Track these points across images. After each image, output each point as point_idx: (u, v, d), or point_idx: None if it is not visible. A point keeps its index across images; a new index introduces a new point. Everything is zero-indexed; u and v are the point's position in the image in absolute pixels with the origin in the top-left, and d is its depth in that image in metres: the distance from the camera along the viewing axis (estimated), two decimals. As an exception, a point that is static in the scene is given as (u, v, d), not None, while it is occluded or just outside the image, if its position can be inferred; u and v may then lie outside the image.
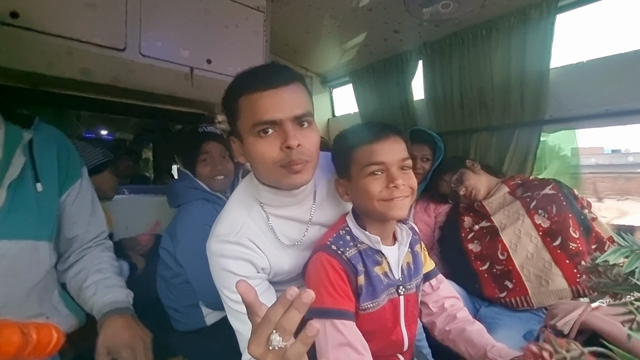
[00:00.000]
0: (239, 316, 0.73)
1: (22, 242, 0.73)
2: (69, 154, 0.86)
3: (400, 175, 0.73)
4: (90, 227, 0.90)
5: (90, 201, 0.90)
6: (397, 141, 0.75)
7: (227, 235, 0.75)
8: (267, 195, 0.78)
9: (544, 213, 1.25)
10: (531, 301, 1.19)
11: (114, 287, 0.85)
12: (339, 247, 0.76)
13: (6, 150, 0.73)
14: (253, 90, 0.67)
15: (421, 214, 1.68)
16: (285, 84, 0.68)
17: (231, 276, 0.73)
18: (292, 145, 0.66)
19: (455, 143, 1.81)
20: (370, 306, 0.76)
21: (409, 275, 0.83)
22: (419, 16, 1.56)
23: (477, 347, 0.78)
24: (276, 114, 0.66)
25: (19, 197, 0.73)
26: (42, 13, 1.07)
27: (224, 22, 1.46)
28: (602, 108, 1.37)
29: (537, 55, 1.46)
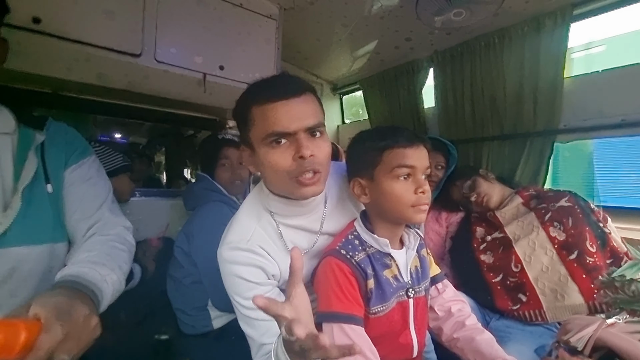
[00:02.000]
0: (250, 322, 0.74)
1: (41, 247, 0.73)
2: (74, 142, 0.83)
3: (425, 182, 0.75)
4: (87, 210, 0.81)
5: (91, 185, 0.83)
6: (424, 149, 0.77)
7: (239, 242, 0.76)
8: (277, 205, 0.78)
9: (560, 225, 1.21)
10: (545, 315, 1.15)
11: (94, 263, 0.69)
12: (348, 251, 0.76)
13: (19, 155, 0.72)
14: (266, 101, 0.68)
15: (432, 223, 1.66)
16: (298, 95, 0.68)
17: (243, 282, 0.74)
18: (305, 155, 0.67)
19: (466, 152, 1.79)
20: (380, 310, 0.76)
21: (417, 279, 0.83)
22: (430, 24, 1.56)
23: (487, 359, 0.76)
24: (289, 124, 0.67)
25: (33, 202, 0.72)
26: (63, 19, 1.11)
27: (237, 30, 1.49)
28: (618, 118, 1.33)
29: (551, 64, 1.44)
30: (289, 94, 0.68)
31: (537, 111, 1.50)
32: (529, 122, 1.54)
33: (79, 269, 0.65)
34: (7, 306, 0.66)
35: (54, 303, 0.51)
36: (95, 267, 0.67)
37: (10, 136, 0.73)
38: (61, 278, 0.63)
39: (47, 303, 0.50)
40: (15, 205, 0.69)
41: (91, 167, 0.85)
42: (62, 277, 0.63)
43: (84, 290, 0.60)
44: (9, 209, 0.69)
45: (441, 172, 1.64)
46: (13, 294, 0.69)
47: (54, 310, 0.50)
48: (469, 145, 1.78)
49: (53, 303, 0.51)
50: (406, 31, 1.73)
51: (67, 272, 0.64)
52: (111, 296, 0.68)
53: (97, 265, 0.68)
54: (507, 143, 1.63)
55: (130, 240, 0.85)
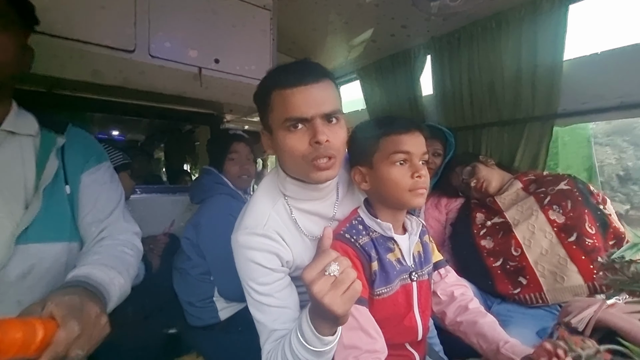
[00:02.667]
0: (262, 307, 0.75)
1: (59, 245, 0.76)
2: (91, 147, 0.88)
3: (421, 167, 0.78)
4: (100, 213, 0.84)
5: (105, 190, 0.86)
6: (420, 135, 0.80)
7: (255, 228, 0.77)
8: (292, 188, 0.80)
9: (559, 208, 1.22)
10: (546, 298, 1.17)
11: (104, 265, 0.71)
12: (352, 235, 0.79)
13: (41, 156, 0.76)
14: (285, 86, 0.69)
15: (432, 210, 1.67)
16: (316, 81, 0.70)
17: (258, 268, 0.75)
18: (320, 141, 0.68)
19: (465, 138, 1.78)
20: (384, 291, 0.78)
21: (420, 263, 0.85)
22: (426, 10, 1.54)
23: (490, 341, 0.77)
24: (307, 110, 0.69)
25: (53, 201, 0.76)
26: (54, 16, 1.09)
27: (231, 22, 1.47)
28: (618, 100, 1.33)
29: (549, 47, 1.42)
30: (308, 80, 0.69)
31: (535, 96, 1.50)
32: (527, 107, 1.53)
33: (89, 270, 0.67)
34: (26, 302, 0.68)
35: (69, 301, 0.54)
36: (104, 269, 0.70)
37: (34, 138, 0.78)
38: (72, 278, 0.65)
39: (61, 301, 0.53)
40: (37, 204, 0.72)
41: (106, 172, 0.89)
42: (73, 277, 0.65)
43: (93, 291, 0.63)
44: (31, 206, 0.72)
45: (439, 159, 1.64)
46: (31, 290, 0.72)
47: (69, 307, 0.53)
48: (468, 132, 1.78)
49: (67, 301, 0.54)
50: (402, 18, 1.71)
51: (78, 272, 0.66)
52: (117, 299, 0.71)
53: (106, 267, 0.71)
54: (505, 129, 1.63)
55: (138, 246, 0.88)
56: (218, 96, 1.64)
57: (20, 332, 0.45)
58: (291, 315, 0.74)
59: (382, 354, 0.72)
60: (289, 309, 0.75)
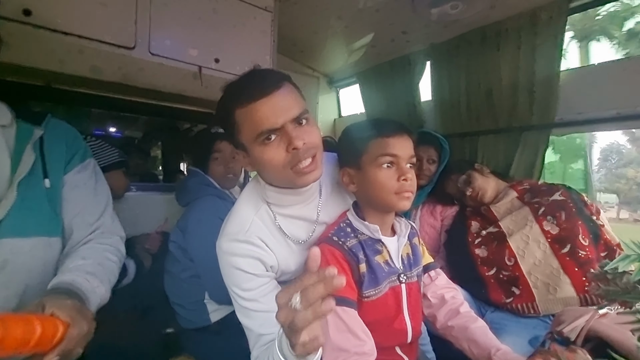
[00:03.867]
0: (248, 313, 0.74)
1: (35, 239, 0.73)
2: (75, 142, 0.84)
3: (408, 170, 0.78)
4: (89, 216, 0.83)
5: (92, 190, 0.84)
6: (408, 139, 0.80)
7: (237, 234, 0.76)
8: (273, 195, 0.79)
9: (553, 219, 1.23)
10: (538, 308, 1.17)
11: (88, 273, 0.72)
12: (340, 238, 0.79)
13: (16, 149, 0.73)
14: (247, 102, 0.68)
15: (427, 217, 1.67)
16: (277, 88, 0.68)
17: (241, 274, 0.75)
18: (298, 146, 0.67)
19: (462, 145, 1.79)
20: (372, 293, 0.78)
21: (409, 265, 0.85)
22: (426, 17, 1.55)
23: (481, 348, 0.77)
24: (275, 119, 0.67)
25: (29, 195, 0.72)
26: (54, 11, 1.09)
27: (232, 22, 1.47)
28: (614, 111, 1.34)
29: (547, 57, 1.44)
30: (269, 89, 0.67)
31: (532, 104, 1.51)
32: (524, 115, 1.54)
33: (74, 277, 0.69)
34: (0, 297, 0.68)
35: (71, 304, 0.59)
36: (88, 276, 0.71)
37: (6, 129, 0.73)
38: (58, 284, 0.67)
39: (64, 304, 0.58)
40: (11, 197, 0.69)
41: (92, 171, 0.87)
42: (59, 283, 0.67)
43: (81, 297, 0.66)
44: (4, 200, 0.69)
45: (433, 166, 1.65)
46: (5, 286, 0.69)
47: (75, 309, 0.58)
48: (465, 139, 1.79)
49: (71, 304, 0.59)
50: (402, 24, 1.72)
51: (63, 278, 0.68)
52: (95, 307, 0.71)
53: (90, 275, 0.72)
54: (502, 137, 1.64)
55: (122, 251, 0.88)
56: (217, 95, 1.61)
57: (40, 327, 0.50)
58: None
59: (371, 356, 0.71)
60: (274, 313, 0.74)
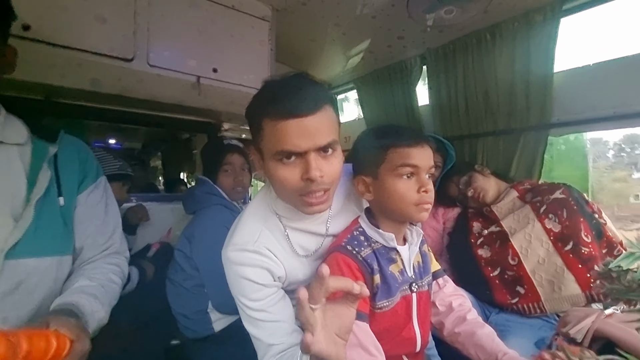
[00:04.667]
0: (257, 323, 0.74)
1: (50, 259, 0.72)
2: (88, 162, 0.84)
3: (427, 181, 0.75)
4: (100, 237, 0.84)
5: (103, 210, 0.85)
6: (428, 149, 0.77)
7: (246, 244, 0.75)
8: (283, 208, 0.78)
9: (555, 217, 1.23)
10: (544, 307, 1.16)
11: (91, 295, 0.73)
12: (354, 247, 0.77)
13: (32, 167, 0.72)
14: (278, 118, 0.63)
15: (429, 220, 1.66)
16: (313, 112, 0.63)
17: (249, 284, 0.74)
18: (313, 178, 0.64)
19: (461, 148, 1.80)
20: (385, 305, 0.76)
21: (419, 274, 0.84)
22: (422, 22, 1.57)
23: (488, 353, 0.76)
24: (300, 144, 0.63)
25: (45, 214, 0.72)
26: (53, 25, 1.10)
27: (229, 32, 1.49)
28: (611, 111, 1.35)
29: (541, 58, 1.45)
30: (303, 111, 0.62)
31: (529, 106, 1.52)
32: (522, 117, 1.55)
33: (78, 299, 0.70)
34: (11, 318, 0.66)
35: (75, 322, 0.61)
36: (91, 300, 0.72)
37: (22, 147, 0.73)
38: (62, 305, 0.68)
39: (68, 322, 0.59)
40: (28, 217, 0.69)
41: (104, 189, 0.87)
42: (63, 304, 0.68)
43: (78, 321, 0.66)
44: (22, 220, 0.68)
45: (437, 171, 1.65)
46: (17, 306, 0.68)
47: (78, 327, 0.60)
48: (464, 142, 1.79)
49: (74, 322, 0.61)
50: (398, 30, 1.74)
51: (68, 300, 0.69)
52: (93, 330, 0.70)
53: (92, 297, 0.72)
54: (501, 138, 1.65)
55: (125, 272, 0.89)
56: (216, 105, 1.64)
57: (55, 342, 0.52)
58: (287, 328, 0.73)
59: None
60: (284, 322, 0.74)
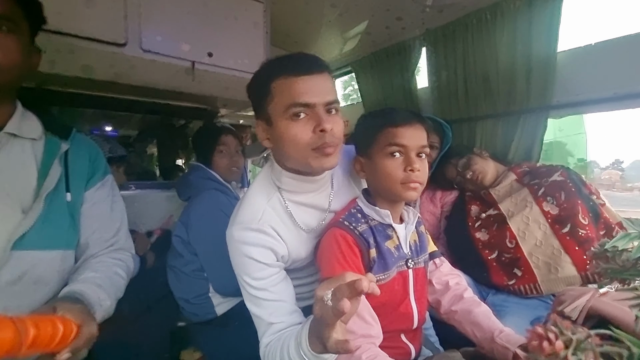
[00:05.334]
0: (258, 302, 0.76)
1: (54, 252, 0.74)
2: (97, 160, 0.87)
3: (417, 160, 0.77)
4: (105, 233, 0.85)
5: (109, 207, 0.87)
6: (419, 128, 0.79)
7: (250, 223, 0.77)
8: (288, 180, 0.80)
9: (553, 200, 1.23)
10: (540, 288, 1.18)
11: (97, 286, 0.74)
12: (351, 222, 0.80)
13: (44, 162, 0.75)
14: (289, 74, 0.70)
15: (427, 204, 1.67)
16: (320, 72, 0.72)
17: (253, 263, 0.76)
18: (326, 129, 0.70)
19: (460, 131, 1.79)
20: (382, 278, 0.79)
21: (416, 251, 0.86)
22: (421, 2, 1.53)
23: (484, 330, 0.78)
24: (311, 98, 0.70)
25: (53, 208, 0.74)
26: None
27: (223, 15, 1.45)
28: (611, 92, 1.33)
29: (543, 39, 1.42)
30: (312, 70, 0.71)
31: (529, 88, 1.50)
32: (521, 99, 1.53)
33: (85, 288, 0.71)
34: (12, 307, 0.68)
35: (81, 308, 0.63)
36: (97, 290, 0.73)
37: (36, 142, 0.76)
38: (69, 293, 0.69)
39: (74, 308, 0.61)
40: (37, 210, 0.71)
41: (111, 186, 0.89)
42: (70, 292, 0.69)
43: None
44: (31, 212, 0.70)
45: (434, 152, 1.64)
46: (19, 295, 0.70)
47: (84, 313, 0.62)
48: (463, 124, 1.78)
49: (80, 308, 0.62)
50: (397, 10, 1.70)
51: (74, 288, 0.70)
52: (99, 319, 0.72)
53: (99, 288, 0.74)
54: (500, 121, 1.63)
55: (131, 268, 0.90)
56: (212, 90, 1.62)
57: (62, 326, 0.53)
58: (287, 308, 0.75)
59: (377, 339, 0.73)
60: (285, 302, 0.76)
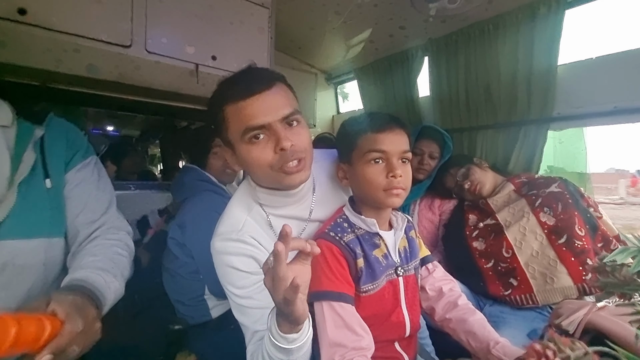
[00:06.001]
0: (243, 310, 0.76)
1: (36, 241, 0.72)
2: (77, 141, 0.83)
3: (399, 166, 0.76)
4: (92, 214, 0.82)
5: (94, 187, 0.83)
6: (400, 133, 0.78)
7: (230, 233, 0.77)
8: (265, 196, 0.80)
9: (550, 211, 1.24)
10: (536, 299, 1.18)
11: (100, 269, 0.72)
12: (336, 233, 0.79)
13: (17, 149, 0.72)
14: (237, 99, 0.68)
15: (425, 212, 1.67)
16: (268, 87, 0.69)
17: (235, 272, 0.76)
18: (285, 147, 0.68)
19: (460, 140, 1.80)
20: (370, 288, 0.78)
21: (406, 258, 0.85)
22: (425, 12, 1.55)
23: (480, 340, 0.77)
24: (264, 118, 0.67)
25: (30, 196, 0.72)
26: (50, 10, 1.08)
27: (228, 19, 1.46)
28: (611, 105, 1.34)
29: (545, 51, 1.44)
30: (259, 88, 0.68)
31: (531, 99, 1.51)
32: (522, 110, 1.54)
33: (87, 274, 0.68)
34: (1, 298, 0.67)
35: (72, 300, 0.58)
36: (101, 273, 0.70)
37: (7, 129, 0.72)
38: (70, 282, 0.66)
39: (64, 300, 0.57)
40: (11, 199, 0.69)
41: (94, 168, 0.86)
42: (70, 281, 0.66)
43: (90, 295, 0.64)
44: (5, 201, 0.68)
45: (434, 162, 1.65)
46: (5, 287, 0.68)
47: (72, 305, 0.57)
48: (464, 134, 1.79)
49: (71, 300, 0.58)
50: (400, 19, 1.71)
51: (75, 276, 0.67)
52: (112, 302, 0.71)
53: (102, 271, 0.71)
54: (501, 131, 1.64)
55: (131, 246, 0.87)
56: (215, 93, 1.63)
57: (33, 327, 0.49)
58: None
59: (369, 350, 0.72)
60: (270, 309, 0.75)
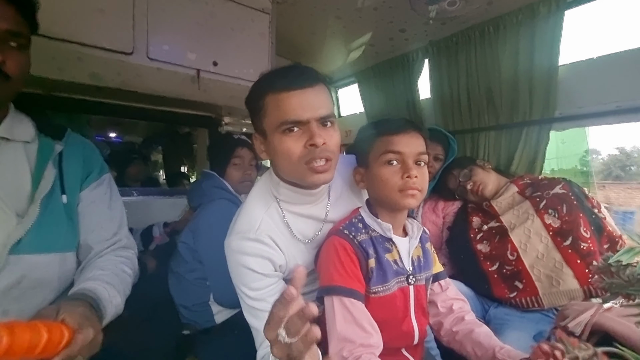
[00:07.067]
0: (255, 312, 0.75)
1: (52, 255, 0.73)
2: (93, 159, 0.85)
3: (414, 167, 0.77)
4: (105, 232, 0.84)
5: (107, 206, 0.85)
6: (415, 136, 0.79)
7: (247, 232, 0.77)
8: (285, 192, 0.80)
9: (554, 213, 1.23)
10: (542, 301, 1.17)
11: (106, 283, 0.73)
12: (350, 232, 0.79)
13: (38, 164, 0.73)
14: (280, 90, 0.70)
15: (429, 214, 1.67)
16: (312, 85, 0.71)
17: (250, 273, 0.75)
18: (317, 143, 0.69)
19: (463, 142, 1.79)
20: (380, 289, 0.78)
21: (419, 267, 0.85)
22: (424, 14, 1.55)
23: (485, 348, 0.77)
24: (302, 114, 0.69)
25: (49, 211, 0.73)
26: (52, 18, 1.10)
27: (229, 25, 1.47)
28: (614, 105, 1.34)
29: (545, 52, 1.43)
30: (304, 84, 0.70)
31: (532, 100, 1.51)
32: (524, 111, 1.54)
33: (95, 286, 0.70)
34: (12, 311, 0.67)
35: (82, 311, 0.60)
36: (107, 287, 0.72)
37: (29, 145, 0.74)
38: (79, 291, 0.68)
39: (75, 311, 0.59)
40: (33, 214, 0.70)
41: (108, 185, 0.88)
42: (80, 290, 0.68)
43: (94, 307, 0.66)
44: (26, 216, 0.69)
45: (439, 164, 1.64)
46: (18, 299, 0.69)
47: (83, 316, 0.59)
48: (466, 136, 1.78)
49: (81, 311, 0.60)
50: (400, 22, 1.72)
51: (84, 286, 0.69)
52: (111, 317, 0.72)
53: (109, 285, 0.73)
54: (503, 133, 1.64)
55: (136, 265, 0.89)
56: (216, 99, 1.64)
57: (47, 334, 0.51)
58: None
59: (377, 348, 0.71)
60: None
